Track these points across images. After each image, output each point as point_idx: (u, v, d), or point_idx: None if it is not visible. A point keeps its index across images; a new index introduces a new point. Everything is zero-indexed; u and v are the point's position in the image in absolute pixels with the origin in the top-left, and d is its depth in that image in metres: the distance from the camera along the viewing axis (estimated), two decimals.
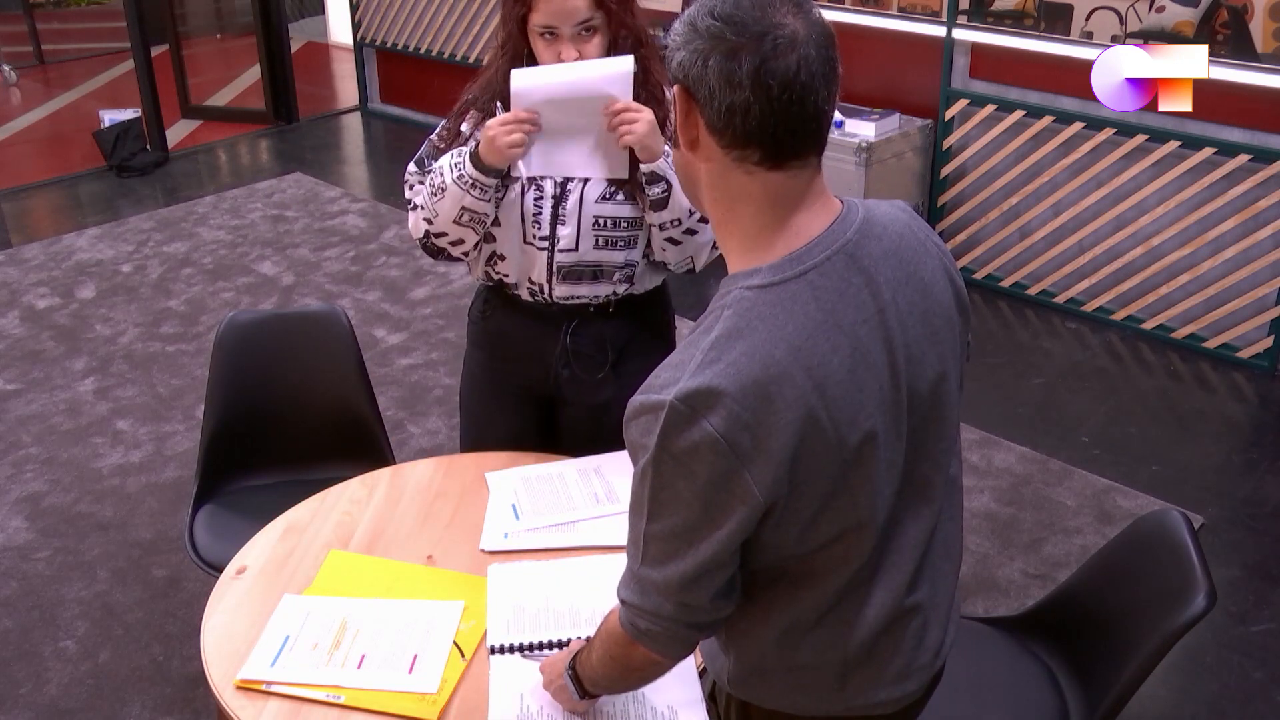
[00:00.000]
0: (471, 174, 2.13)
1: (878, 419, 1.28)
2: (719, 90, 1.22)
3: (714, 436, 1.20)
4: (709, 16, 1.23)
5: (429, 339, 4.58)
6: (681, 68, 1.25)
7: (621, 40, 2.16)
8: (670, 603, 1.31)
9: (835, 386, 1.24)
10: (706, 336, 1.25)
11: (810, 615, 1.38)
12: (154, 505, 3.56)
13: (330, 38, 9.56)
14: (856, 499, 1.29)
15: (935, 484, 1.41)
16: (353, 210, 5.96)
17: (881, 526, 1.34)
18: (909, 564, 1.40)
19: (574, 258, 2.25)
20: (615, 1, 2.13)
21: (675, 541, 1.27)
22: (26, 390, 4.24)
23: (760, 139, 1.24)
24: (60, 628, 3.05)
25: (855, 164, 4.63)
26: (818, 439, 1.24)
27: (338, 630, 1.87)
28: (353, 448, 2.73)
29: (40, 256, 5.45)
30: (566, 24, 2.10)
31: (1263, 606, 3.09)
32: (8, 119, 7.92)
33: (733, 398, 1.20)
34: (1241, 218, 4.17)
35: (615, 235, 2.26)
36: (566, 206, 2.22)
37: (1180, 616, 1.89)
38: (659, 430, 1.23)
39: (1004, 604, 3.07)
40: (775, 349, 1.23)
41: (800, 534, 1.30)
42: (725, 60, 1.21)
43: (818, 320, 1.25)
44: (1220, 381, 4.24)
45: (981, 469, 3.68)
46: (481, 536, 2.11)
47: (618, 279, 2.30)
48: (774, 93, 1.20)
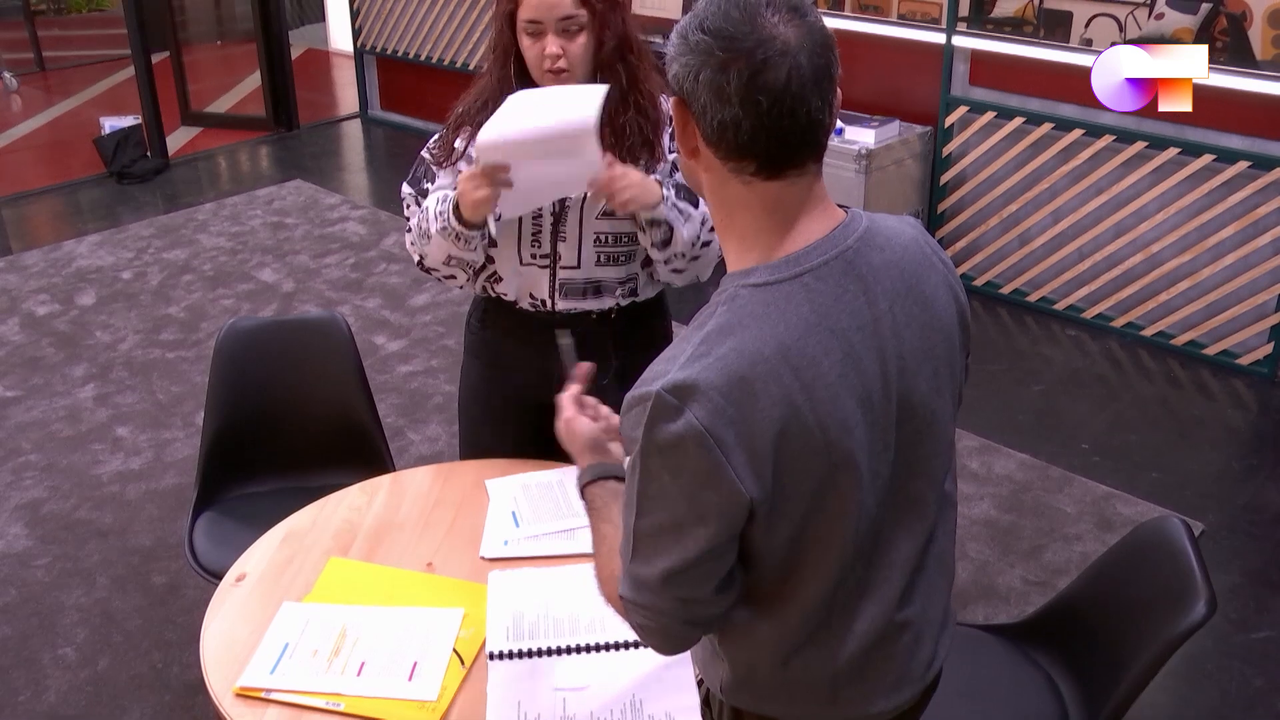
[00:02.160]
0: (455, 227, 2.12)
1: (865, 426, 1.28)
2: (710, 105, 1.22)
3: (698, 429, 1.20)
4: (699, 30, 1.22)
5: (429, 346, 4.58)
6: (677, 80, 1.26)
7: (608, 42, 2.15)
8: (666, 598, 1.31)
9: (823, 389, 1.24)
10: (699, 331, 1.26)
11: (800, 628, 1.37)
12: (154, 512, 3.56)
13: (330, 45, 9.57)
14: (844, 506, 1.29)
15: (928, 500, 1.41)
16: (353, 217, 5.96)
17: (868, 539, 1.34)
18: (900, 579, 1.40)
19: (578, 275, 2.25)
20: (601, 1, 2.13)
21: (663, 538, 1.28)
22: (26, 397, 4.24)
23: (754, 152, 1.24)
24: (59, 635, 3.05)
25: (855, 171, 4.64)
26: (803, 439, 1.24)
27: (337, 638, 1.87)
28: (353, 455, 2.72)
29: (40, 263, 5.45)
30: (550, 17, 2.10)
31: (1263, 613, 3.09)
32: (9, 125, 7.93)
33: (718, 390, 1.21)
34: (1241, 224, 4.17)
35: (616, 251, 2.25)
36: (567, 224, 2.22)
37: (1181, 623, 1.88)
38: (645, 421, 1.23)
39: (1004, 611, 3.07)
40: (764, 346, 1.23)
41: (790, 538, 1.30)
42: (715, 75, 1.21)
43: (810, 322, 1.25)
44: (1220, 388, 4.24)
45: (981, 476, 3.68)
46: (481, 544, 2.11)
47: (620, 293, 2.30)
48: (763, 107, 1.20)
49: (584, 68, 2.15)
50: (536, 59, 2.13)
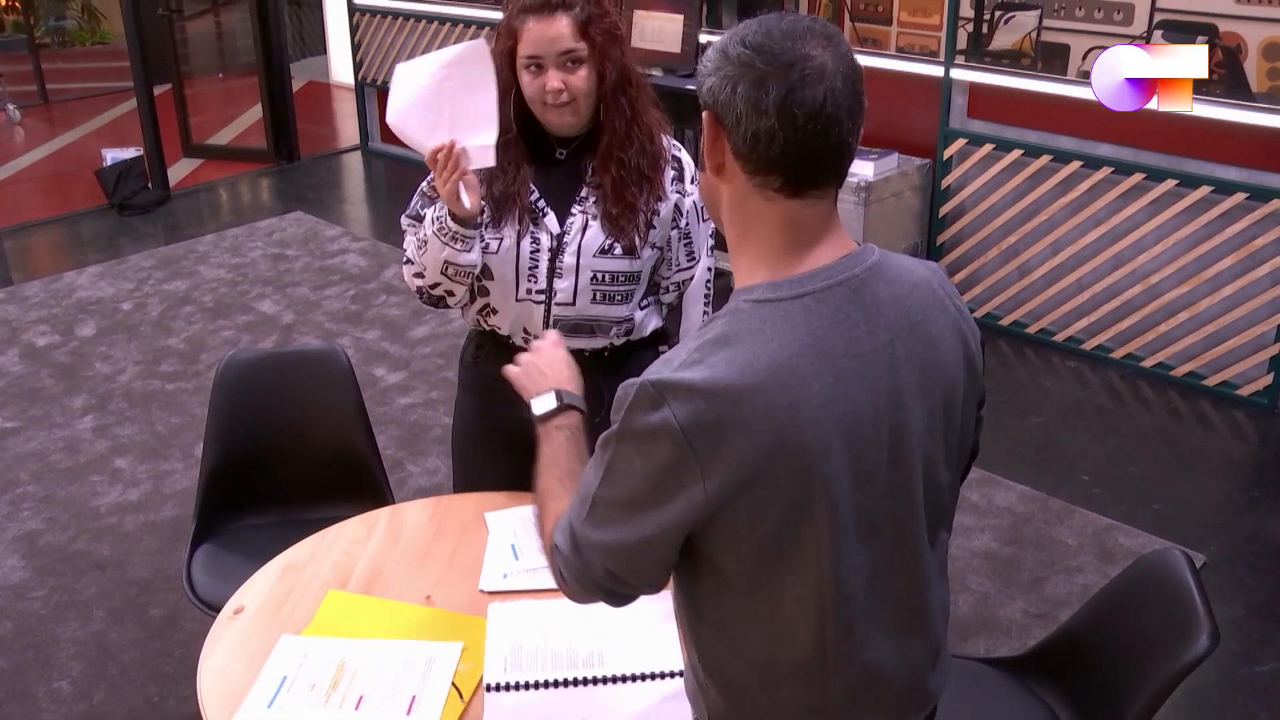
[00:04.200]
0: (452, 227, 2.13)
1: (847, 456, 1.28)
2: (746, 116, 1.24)
3: (674, 426, 1.23)
4: (740, 45, 1.25)
5: (428, 378, 4.58)
6: (711, 93, 1.28)
7: (609, 75, 2.16)
8: (598, 568, 1.35)
9: (810, 410, 1.25)
10: (698, 339, 1.28)
11: (786, 659, 1.36)
12: (152, 544, 3.55)
13: (332, 77, 9.63)
14: (817, 532, 1.28)
15: (922, 540, 1.40)
16: (353, 249, 5.98)
17: (857, 573, 1.33)
18: (893, 615, 1.39)
19: (572, 312, 2.25)
20: (600, 34, 2.13)
21: (619, 510, 1.31)
22: (25, 428, 4.23)
23: (783, 166, 1.26)
24: (55, 668, 3.03)
25: (854, 203, 4.65)
26: (781, 457, 1.24)
27: (336, 671, 1.86)
28: (352, 487, 2.72)
29: (41, 294, 5.46)
30: (551, 51, 2.11)
31: (1267, 646, 3.07)
32: (11, 157, 7.96)
33: (702, 395, 1.23)
34: (1239, 255, 4.19)
35: (613, 290, 2.25)
36: (564, 260, 2.22)
37: (1183, 657, 1.87)
38: (627, 406, 1.27)
39: (1005, 644, 3.05)
40: (756, 360, 1.24)
41: (760, 559, 1.29)
42: (753, 87, 1.23)
43: (805, 343, 1.26)
44: (1220, 419, 4.24)
45: (982, 508, 3.67)
46: (481, 576, 2.10)
47: (615, 333, 2.30)
48: (799, 122, 1.23)
49: (587, 101, 2.15)
50: (537, 94, 2.13)
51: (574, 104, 2.13)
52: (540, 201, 2.21)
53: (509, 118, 2.16)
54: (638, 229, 2.20)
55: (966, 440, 1.48)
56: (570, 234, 2.21)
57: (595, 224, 2.20)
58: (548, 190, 2.22)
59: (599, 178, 2.19)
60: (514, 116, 2.17)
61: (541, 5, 2.10)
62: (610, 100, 2.17)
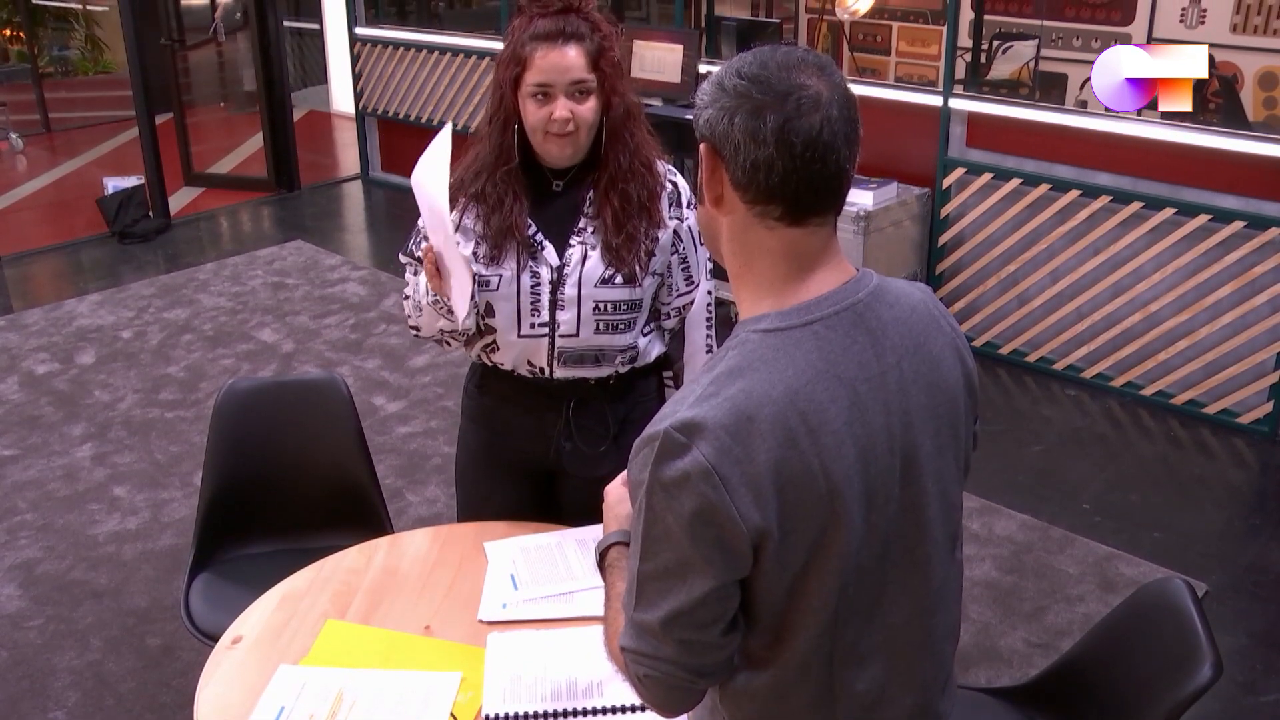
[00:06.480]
0: (446, 302, 2.17)
1: (864, 478, 1.28)
2: (744, 146, 1.25)
3: (704, 466, 1.21)
4: (736, 76, 1.27)
5: (428, 407, 4.58)
6: (708, 125, 1.28)
7: (616, 108, 2.18)
8: (669, 643, 1.29)
9: (829, 435, 1.25)
10: (709, 374, 1.28)
11: (800, 685, 1.36)
12: (149, 573, 3.53)
13: (333, 107, 9.68)
14: (831, 558, 1.28)
15: (934, 563, 1.40)
16: (353, 278, 5.99)
17: (867, 597, 1.33)
18: (902, 641, 1.39)
19: (575, 343, 2.25)
20: (609, 66, 2.15)
21: (667, 580, 1.27)
22: (24, 456, 4.23)
23: (782, 195, 1.26)
24: (50, 698, 3.01)
25: (854, 232, 4.66)
26: (807, 483, 1.24)
27: (334, 701, 1.85)
28: (351, 516, 2.71)
29: (41, 322, 5.47)
30: (562, 81, 2.11)
31: (1271, 675, 3.06)
32: (14, 185, 7.99)
33: (725, 429, 1.22)
34: (1238, 284, 4.19)
35: (615, 319, 2.25)
36: (565, 292, 2.22)
37: (1186, 687, 1.86)
38: (653, 459, 1.24)
39: (1006, 674, 3.04)
40: (772, 389, 1.24)
41: (788, 590, 1.29)
42: (750, 118, 1.24)
43: (819, 369, 1.26)
44: (1221, 447, 4.23)
45: (982, 537, 3.66)
46: (480, 607, 2.09)
47: (619, 361, 2.30)
48: (797, 150, 1.24)
49: (589, 133, 2.16)
50: (540, 123, 2.13)
51: (576, 135, 2.14)
52: (538, 235, 2.21)
53: (511, 147, 2.17)
54: (638, 259, 2.21)
55: (968, 457, 1.48)
56: (570, 266, 2.21)
57: (595, 254, 2.20)
58: (544, 223, 2.22)
59: (600, 210, 2.20)
60: (514, 147, 2.18)
61: (555, 34, 2.11)
62: (614, 134, 2.18)
